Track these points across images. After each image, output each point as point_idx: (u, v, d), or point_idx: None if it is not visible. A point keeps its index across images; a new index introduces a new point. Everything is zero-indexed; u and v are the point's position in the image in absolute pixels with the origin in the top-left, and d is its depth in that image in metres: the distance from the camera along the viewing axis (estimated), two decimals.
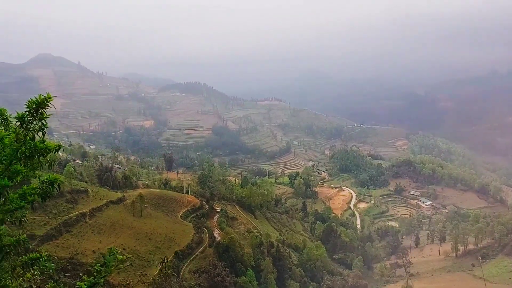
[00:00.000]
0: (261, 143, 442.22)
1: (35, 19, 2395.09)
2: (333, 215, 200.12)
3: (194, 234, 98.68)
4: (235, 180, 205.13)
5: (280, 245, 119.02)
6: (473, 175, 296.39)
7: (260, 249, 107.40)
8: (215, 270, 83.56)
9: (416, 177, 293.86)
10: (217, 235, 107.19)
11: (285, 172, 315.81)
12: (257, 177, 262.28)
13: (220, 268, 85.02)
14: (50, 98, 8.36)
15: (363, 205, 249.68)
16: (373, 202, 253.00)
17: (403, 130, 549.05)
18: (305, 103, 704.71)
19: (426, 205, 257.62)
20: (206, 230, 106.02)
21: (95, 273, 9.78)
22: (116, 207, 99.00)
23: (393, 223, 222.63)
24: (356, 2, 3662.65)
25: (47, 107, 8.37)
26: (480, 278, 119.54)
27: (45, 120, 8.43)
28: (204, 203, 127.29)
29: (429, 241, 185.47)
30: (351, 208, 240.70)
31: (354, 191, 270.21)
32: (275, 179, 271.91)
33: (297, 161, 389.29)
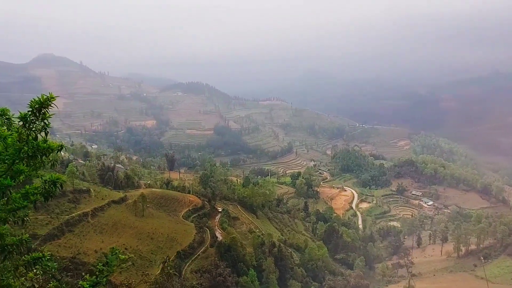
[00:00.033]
0: (263, 143, 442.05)
1: (35, 19, 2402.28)
2: (335, 215, 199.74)
3: (196, 234, 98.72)
4: (237, 180, 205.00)
5: (282, 245, 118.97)
6: (475, 175, 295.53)
7: (262, 249, 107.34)
8: (216, 270, 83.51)
9: (418, 177, 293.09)
10: (219, 235, 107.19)
11: (287, 172, 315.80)
12: (259, 177, 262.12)
13: (221, 268, 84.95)
14: (52, 98, 8.38)
15: (365, 205, 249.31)
16: (375, 202, 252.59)
17: (405, 130, 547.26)
18: (307, 103, 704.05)
19: (428, 205, 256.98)
20: (208, 230, 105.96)
21: (97, 273, 9.81)
22: (118, 207, 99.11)
23: (395, 223, 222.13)
24: (358, 2, 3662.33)
25: (49, 107, 8.39)
26: (482, 278, 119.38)
27: (47, 120, 8.45)
28: (206, 203, 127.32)
29: (431, 241, 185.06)
30: (353, 208, 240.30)
31: (356, 191, 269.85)
32: (277, 179, 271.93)
33: (299, 161, 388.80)
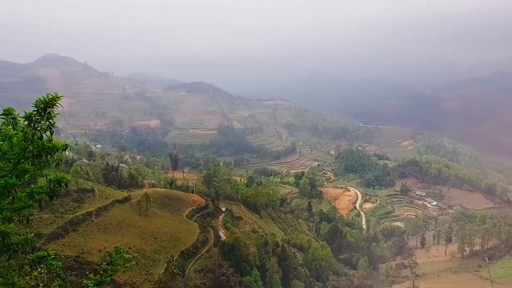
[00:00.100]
0: (266, 143, 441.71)
1: (35, 18, 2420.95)
2: (339, 215, 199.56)
3: (199, 233, 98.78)
4: (240, 179, 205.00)
5: (285, 245, 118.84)
6: (479, 176, 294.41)
7: (265, 249, 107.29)
8: (220, 269, 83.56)
9: (422, 177, 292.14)
10: (222, 235, 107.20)
11: (291, 172, 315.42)
12: (263, 176, 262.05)
13: (225, 267, 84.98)
14: (57, 97, 8.41)
15: (368, 205, 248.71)
16: (378, 202, 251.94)
17: (409, 130, 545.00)
18: (311, 103, 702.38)
19: (432, 205, 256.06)
20: (211, 229, 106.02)
21: (101, 272, 9.84)
22: (122, 206, 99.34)
23: (399, 224, 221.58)
24: (359, 2, 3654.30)
25: (54, 106, 8.42)
26: (486, 279, 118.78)
27: (52, 119, 8.48)
28: (209, 202, 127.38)
29: (435, 242, 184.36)
30: (356, 208, 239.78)
31: (359, 191, 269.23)
32: (281, 179, 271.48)
33: (303, 161, 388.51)
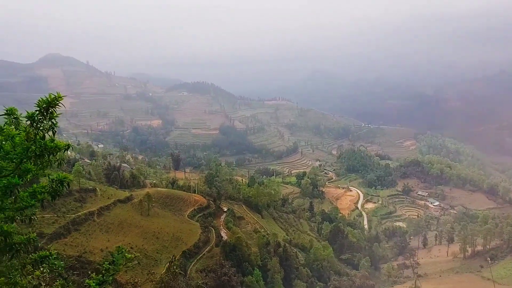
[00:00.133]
0: (268, 143, 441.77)
1: (35, 18, 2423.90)
2: (340, 215, 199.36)
3: (201, 233, 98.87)
4: (242, 179, 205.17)
5: (287, 245, 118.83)
6: (482, 176, 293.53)
7: (267, 249, 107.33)
8: (222, 269, 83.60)
9: (424, 178, 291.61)
10: (224, 235, 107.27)
11: (292, 172, 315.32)
12: (264, 176, 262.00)
13: (227, 267, 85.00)
14: (60, 97, 8.40)
15: (370, 206, 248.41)
16: (380, 202, 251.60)
17: (411, 130, 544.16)
18: (312, 103, 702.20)
19: (434, 205, 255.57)
20: (213, 229, 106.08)
21: (103, 271, 9.85)
22: (124, 206, 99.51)
23: (401, 224, 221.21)
24: (360, 2, 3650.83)
25: (57, 106, 8.42)
26: (488, 279, 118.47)
27: (55, 119, 8.48)
28: (211, 202, 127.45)
29: (437, 242, 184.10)
30: (358, 208, 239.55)
31: (361, 191, 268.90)
32: (282, 178, 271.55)
33: (304, 161, 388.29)
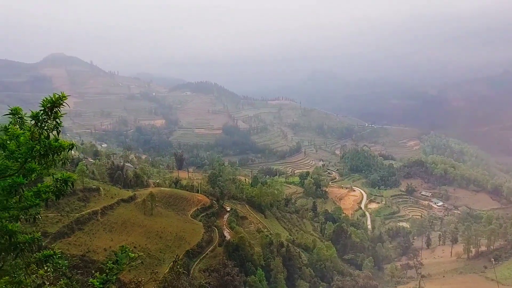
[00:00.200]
0: (271, 143, 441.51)
1: (35, 18, 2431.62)
2: (344, 215, 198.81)
3: (204, 233, 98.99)
4: (245, 179, 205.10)
5: (290, 245, 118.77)
6: (486, 176, 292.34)
7: (270, 249, 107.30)
8: (225, 269, 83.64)
9: (427, 178, 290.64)
10: (227, 234, 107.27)
11: (295, 171, 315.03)
12: (267, 176, 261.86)
13: (230, 267, 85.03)
14: (64, 97, 8.43)
15: (374, 206, 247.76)
16: (384, 202, 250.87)
17: (415, 130, 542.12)
18: (314, 103, 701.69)
19: (437, 206, 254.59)
20: (216, 229, 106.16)
21: (107, 271, 9.88)
22: (127, 206, 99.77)
23: (404, 224, 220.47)
24: (363, 2, 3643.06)
25: (61, 106, 8.45)
26: (492, 280, 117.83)
27: (59, 119, 8.51)
28: (214, 202, 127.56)
29: (441, 242, 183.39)
30: (361, 208, 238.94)
31: (364, 191, 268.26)
32: (285, 178, 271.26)
33: (308, 161, 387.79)
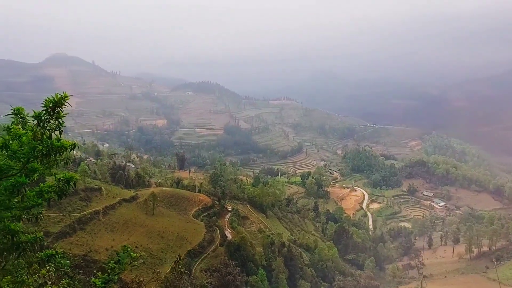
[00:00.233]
0: (272, 143, 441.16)
1: (35, 18, 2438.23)
2: (345, 215, 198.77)
3: (205, 233, 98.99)
4: (247, 179, 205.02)
5: (291, 245, 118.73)
6: (488, 176, 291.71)
7: (271, 249, 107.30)
8: (226, 269, 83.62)
9: (429, 178, 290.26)
10: (229, 234, 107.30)
11: (297, 171, 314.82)
12: (269, 176, 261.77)
13: (231, 267, 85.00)
14: (66, 97, 8.45)
15: (375, 206, 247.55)
16: (385, 202, 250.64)
17: (417, 130, 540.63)
18: (315, 103, 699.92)
19: (439, 206, 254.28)
20: (217, 229, 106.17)
21: (109, 270, 9.90)
22: (129, 205, 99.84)
23: (406, 224, 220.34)
24: (363, 2, 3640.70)
25: (63, 106, 8.47)
26: (494, 280, 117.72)
27: (61, 118, 8.53)
28: (215, 202, 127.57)
29: (443, 243, 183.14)
30: (363, 208, 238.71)
31: (366, 192, 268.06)
32: (287, 178, 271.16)
33: (309, 161, 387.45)
